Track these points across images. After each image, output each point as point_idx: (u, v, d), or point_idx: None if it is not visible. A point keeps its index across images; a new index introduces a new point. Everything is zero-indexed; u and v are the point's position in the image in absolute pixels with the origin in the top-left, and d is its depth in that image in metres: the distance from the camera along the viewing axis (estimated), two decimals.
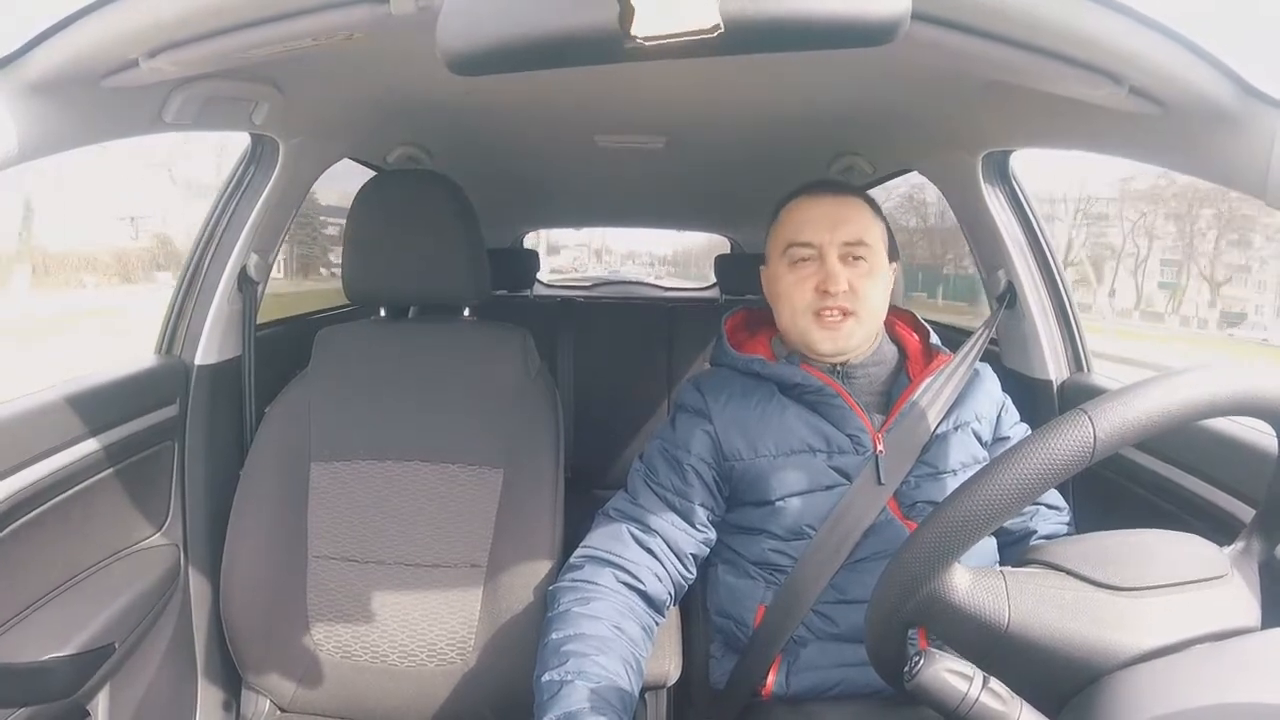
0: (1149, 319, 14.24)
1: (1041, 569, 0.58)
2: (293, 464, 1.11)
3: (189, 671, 1.13)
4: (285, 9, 0.68)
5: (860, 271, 0.95)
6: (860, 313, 0.95)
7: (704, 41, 0.49)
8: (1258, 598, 0.58)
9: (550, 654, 0.81)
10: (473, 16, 0.52)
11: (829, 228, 0.95)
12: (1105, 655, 0.52)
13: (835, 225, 0.95)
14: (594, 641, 0.81)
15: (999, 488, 0.53)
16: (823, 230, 0.96)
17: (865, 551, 0.91)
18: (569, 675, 0.77)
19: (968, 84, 0.99)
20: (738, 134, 1.44)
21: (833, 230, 0.95)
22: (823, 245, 0.95)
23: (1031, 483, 0.52)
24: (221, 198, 1.21)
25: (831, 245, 0.95)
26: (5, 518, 0.84)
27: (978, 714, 0.54)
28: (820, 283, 0.94)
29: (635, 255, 15.61)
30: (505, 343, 1.20)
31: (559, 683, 0.76)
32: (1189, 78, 0.67)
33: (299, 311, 1.71)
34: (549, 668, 0.79)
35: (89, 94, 0.75)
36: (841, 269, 0.94)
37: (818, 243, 0.95)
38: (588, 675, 0.77)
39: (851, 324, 0.95)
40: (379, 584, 1.07)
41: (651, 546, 0.92)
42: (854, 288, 0.94)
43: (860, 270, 0.95)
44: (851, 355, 0.98)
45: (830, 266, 0.94)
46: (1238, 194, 0.72)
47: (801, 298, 0.96)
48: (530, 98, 1.21)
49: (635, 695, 0.81)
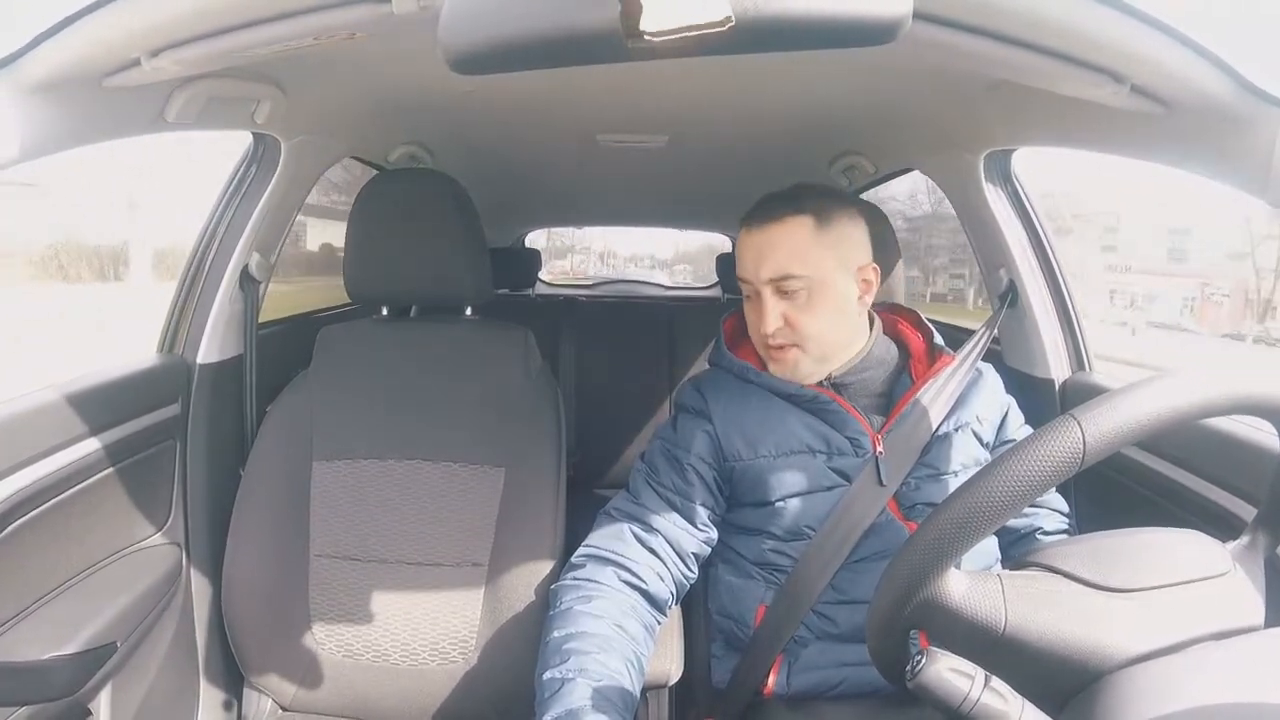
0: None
1: (1039, 572, 0.58)
2: (294, 463, 1.11)
3: (190, 670, 1.13)
4: (287, 8, 0.68)
5: (797, 304, 0.93)
6: (804, 344, 0.94)
7: (711, 37, 0.48)
8: (1262, 595, 0.58)
9: (551, 652, 0.81)
10: (475, 16, 0.52)
11: (755, 264, 0.94)
12: (1103, 657, 0.52)
13: (760, 261, 0.93)
14: (596, 640, 0.81)
15: (989, 494, 0.53)
16: (751, 267, 0.94)
17: (865, 552, 0.91)
18: (570, 673, 0.77)
19: (970, 83, 0.99)
20: (739, 133, 1.44)
21: (758, 267, 0.93)
22: (755, 282, 0.94)
23: (1022, 489, 0.52)
24: (223, 197, 1.21)
25: (761, 283, 0.93)
26: (6, 517, 0.84)
27: (979, 713, 0.53)
28: (753, 322, 0.95)
29: (638, 259, 15.83)
30: (507, 342, 1.20)
31: (560, 680, 0.76)
32: (1191, 77, 0.67)
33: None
34: (550, 665, 0.79)
35: (90, 94, 0.76)
36: (775, 304, 0.93)
37: (750, 279, 0.95)
38: (589, 673, 0.77)
39: (795, 354, 0.95)
40: (380, 583, 1.07)
41: (653, 546, 0.92)
42: (789, 322, 0.93)
43: (797, 302, 0.93)
44: (830, 371, 0.97)
45: (763, 304, 0.93)
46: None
47: (754, 331, 0.97)
48: (532, 97, 1.21)
49: (637, 694, 0.81)
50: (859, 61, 0.94)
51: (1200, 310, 16.73)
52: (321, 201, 1.91)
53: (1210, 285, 16.95)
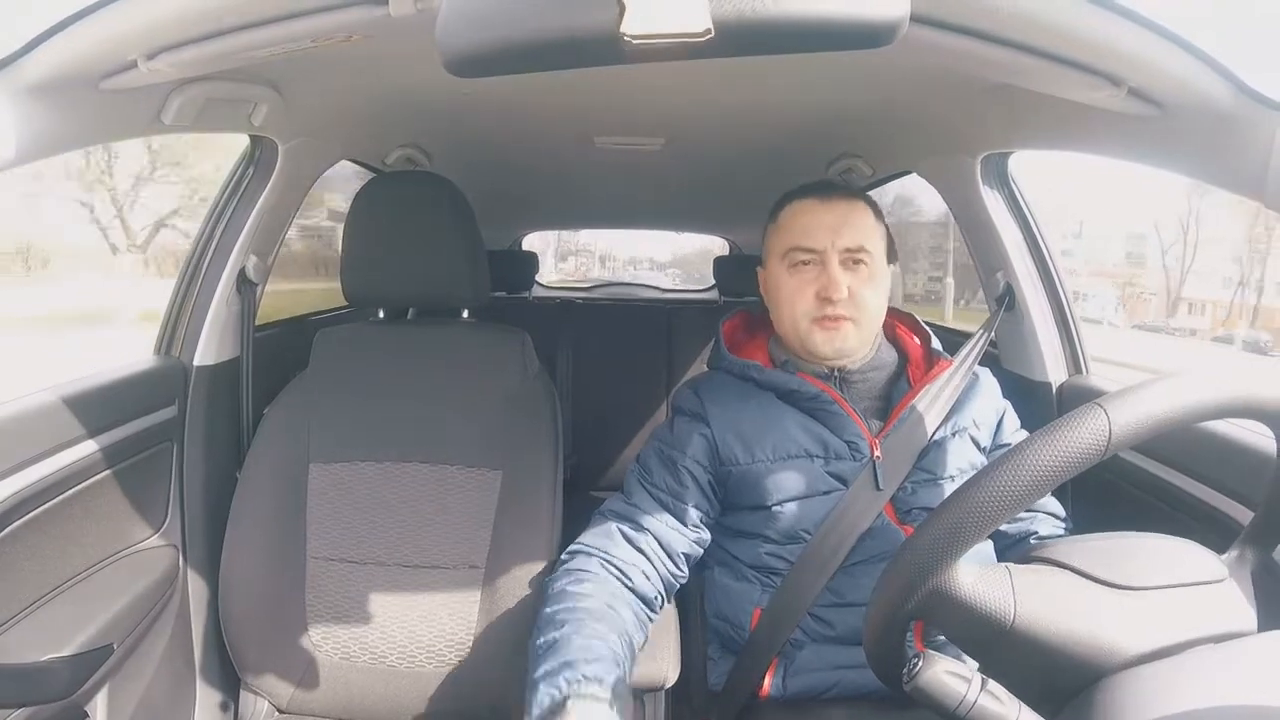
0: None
1: (1046, 566, 0.57)
2: (291, 465, 1.11)
3: (187, 672, 1.12)
4: (284, 11, 0.68)
5: (861, 277, 0.95)
6: (859, 318, 0.95)
7: (695, 44, 0.49)
8: (1253, 605, 0.58)
9: (544, 623, 0.79)
10: (472, 18, 0.52)
11: (831, 233, 0.95)
12: (1107, 654, 0.52)
13: (838, 231, 0.95)
14: (587, 611, 0.80)
15: (1014, 478, 0.52)
16: (825, 236, 0.95)
17: (861, 555, 0.91)
18: (563, 635, 0.75)
19: (967, 86, 0.99)
20: (737, 136, 1.44)
21: (835, 236, 0.94)
22: (825, 251, 0.94)
23: (1046, 474, 0.52)
24: (220, 199, 1.21)
25: (834, 251, 0.94)
26: (4, 519, 0.84)
27: (976, 716, 0.54)
28: (822, 289, 0.94)
29: (637, 261, 16.00)
30: (504, 344, 1.20)
31: (552, 640, 0.75)
32: (1188, 79, 0.67)
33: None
34: (542, 634, 0.77)
35: (88, 96, 0.75)
36: (842, 275, 0.94)
37: (820, 248, 0.95)
38: (583, 633, 0.76)
39: (849, 327, 0.95)
40: (377, 585, 1.07)
41: (641, 545, 0.92)
42: (854, 294, 0.94)
43: (861, 276, 0.95)
44: (849, 360, 0.98)
45: (832, 273, 0.94)
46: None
47: (803, 303, 0.96)
48: (529, 99, 1.21)
49: (629, 666, 0.79)
50: (856, 64, 0.94)
51: (1131, 306, 19.25)
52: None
53: (1136, 285, 20.02)
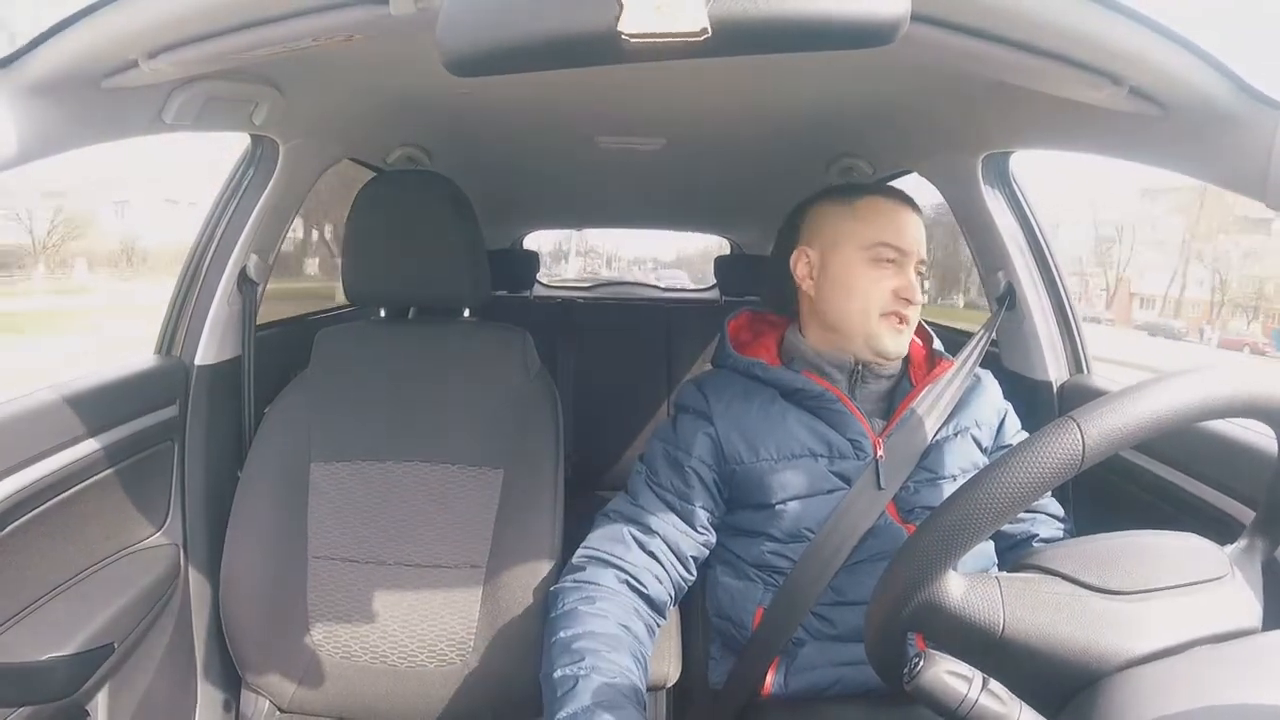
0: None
1: (1037, 574, 0.57)
2: (292, 464, 1.11)
3: (188, 672, 1.13)
4: (285, 10, 0.68)
5: (919, 285, 0.99)
6: (914, 319, 0.99)
7: (693, 43, 0.49)
8: (1259, 599, 0.58)
9: (560, 651, 0.80)
10: (472, 18, 0.52)
11: (916, 240, 0.98)
12: (1102, 659, 0.52)
13: (919, 240, 0.98)
14: (604, 639, 0.81)
15: (989, 496, 0.53)
16: (909, 238, 0.97)
17: (864, 554, 0.91)
18: (583, 670, 0.76)
19: (968, 85, 0.99)
20: (738, 135, 1.44)
21: (917, 244, 0.98)
22: (910, 254, 0.97)
23: (1021, 491, 0.52)
24: (221, 198, 1.21)
25: (912, 257, 0.97)
26: (5, 517, 0.84)
27: (977, 715, 0.53)
28: (901, 289, 0.96)
29: (641, 261, 16.13)
30: (505, 343, 1.20)
31: (573, 678, 0.76)
32: (1189, 79, 0.67)
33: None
34: (560, 665, 0.78)
35: (89, 95, 0.75)
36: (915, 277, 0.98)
37: (909, 251, 0.97)
38: (601, 670, 0.77)
39: (908, 331, 0.99)
40: (379, 584, 1.07)
41: (652, 549, 0.92)
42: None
43: (919, 283, 0.99)
44: (892, 364, 1.00)
45: (911, 277, 0.97)
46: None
47: (879, 297, 0.96)
48: (530, 99, 1.21)
49: (644, 689, 0.80)
50: (857, 63, 0.94)
51: (1081, 300, 20.01)
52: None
53: (1091, 280, 21.69)
